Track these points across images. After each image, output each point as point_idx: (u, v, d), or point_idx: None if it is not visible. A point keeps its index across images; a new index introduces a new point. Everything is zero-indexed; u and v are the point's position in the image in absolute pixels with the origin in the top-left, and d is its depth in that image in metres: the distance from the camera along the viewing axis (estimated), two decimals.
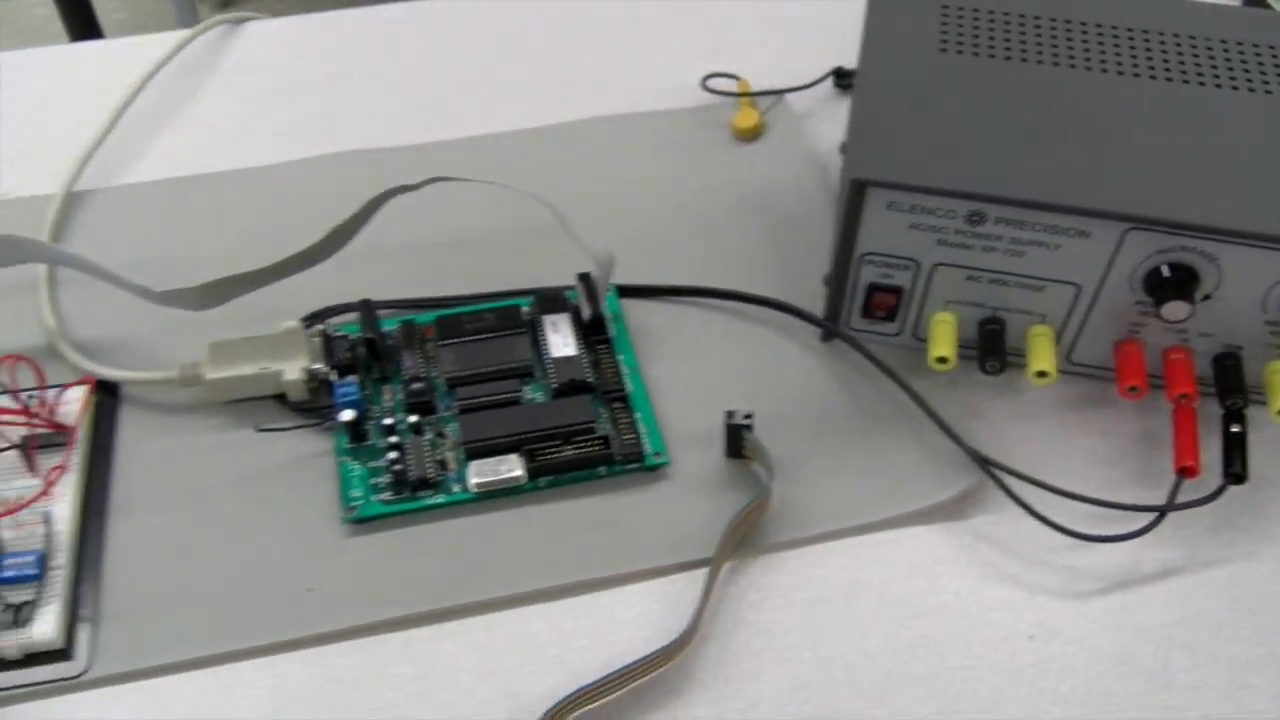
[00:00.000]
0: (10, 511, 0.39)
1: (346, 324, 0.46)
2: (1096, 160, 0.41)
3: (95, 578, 0.39)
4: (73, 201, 0.52)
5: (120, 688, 0.37)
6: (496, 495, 0.41)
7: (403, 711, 0.37)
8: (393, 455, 0.41)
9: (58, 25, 1.47)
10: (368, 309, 0.44)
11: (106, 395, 0.44)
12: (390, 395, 0.44)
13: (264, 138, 0.55)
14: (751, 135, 0.54)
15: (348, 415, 0.41)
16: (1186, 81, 0.45)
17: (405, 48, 0.61)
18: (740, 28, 0.61)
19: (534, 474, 0.41)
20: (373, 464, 0.42)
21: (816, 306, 0.47)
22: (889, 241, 0.42)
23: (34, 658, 0.37)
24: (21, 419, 0.41)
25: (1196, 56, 0.46)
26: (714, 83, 0.56)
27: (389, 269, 0.48)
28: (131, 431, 0.43)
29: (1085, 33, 0.47)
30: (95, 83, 0.58)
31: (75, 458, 0.41)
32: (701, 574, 0.40)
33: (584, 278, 0.46)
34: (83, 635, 0.38)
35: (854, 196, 0.41)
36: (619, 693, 0.37)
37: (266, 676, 0.38)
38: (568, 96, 0.58)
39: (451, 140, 0.55)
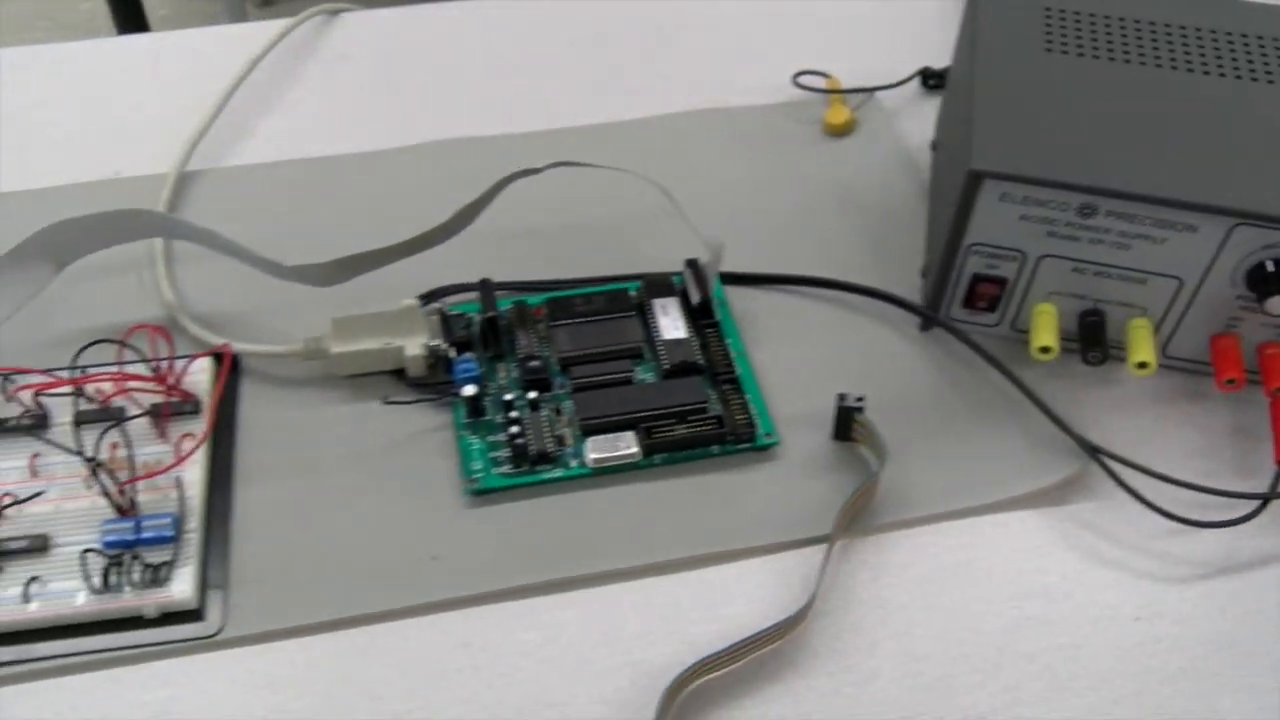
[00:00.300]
0: (149, 475, 0.40)
1: (459, 304, 0.47)
2: (1203, 157, 0.42)
3: (224, 542, 0.40)
4: (184, 181, 0.53)
5: (253, 649, 0.38)
6: (611, 471, 0.42)
7: (531, 675, 0.38)
8: (514, 430, 0.42)
9: (102, 20, 1.49)
10: (487, 289, 0.45)
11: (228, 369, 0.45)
12: (505, 373, 0.45)
13: (364, 124, 0.57)
14: (843, 131, 0.55)
15: (470, 390, 0.42)
16: None
17: (497, 41, 0.62)
18: (828, 27, 0.63)
19: (649, 451, 0.42)
20: (491, 438, 0.43)
21: (910, 297, 0.48)
22: (998, 233, 0.43)
23: (169, 617, 0.39)
24: (153, 386, 0.43)
25: None
26: (804, 80, 0.58)
27: (494, 251, 0.49)
28: (252, 403, 0.44)
29: (1185, 36, 0.48)
30: (198, 70, 0.59)
31: (203, 426, 0.43)
32: (809, 552, 0.41)
33: (692, 264, 0.47)
34: (215, 597, 0.39)
35: (969, 187, 0.42)
36: (739, 664, 0.38)
37: (396, 639, 0.39)
38: (660, 91, 0.59)
39: (547, 131, 0.56)
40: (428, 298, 0.46)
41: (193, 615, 0.39)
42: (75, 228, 0.44)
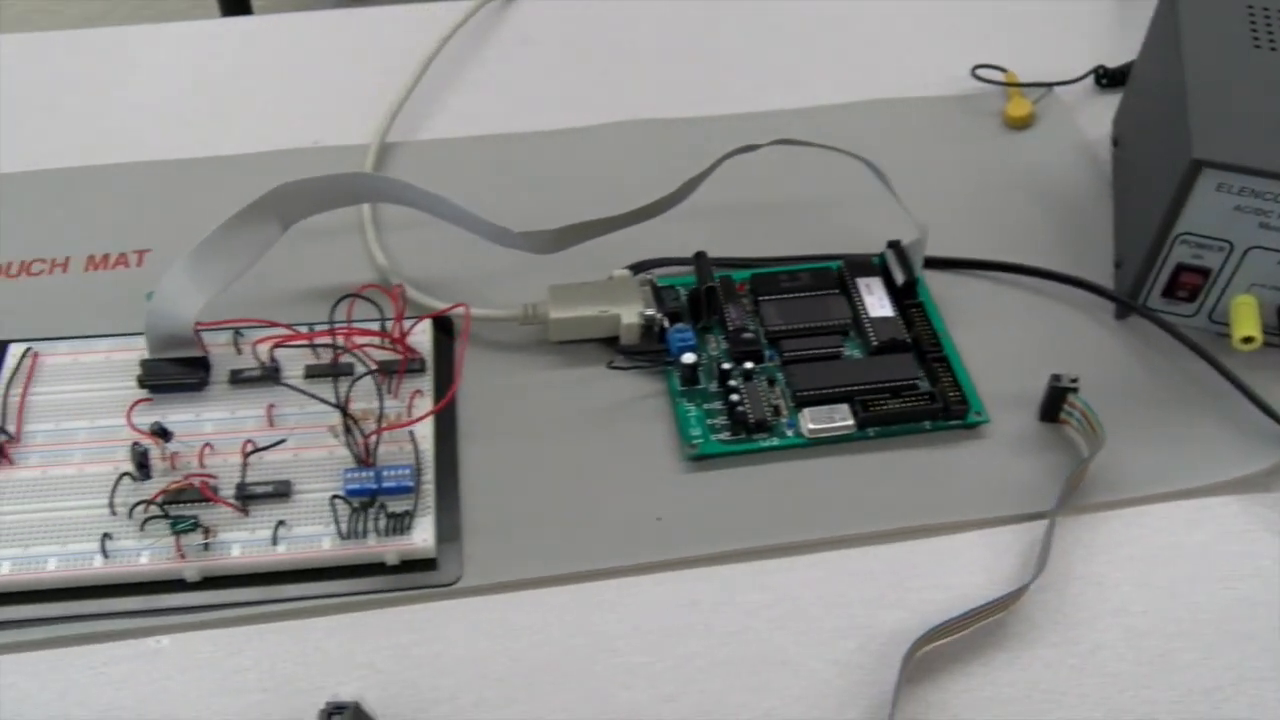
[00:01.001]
0: (391, 427, 0.41)
1: (666, 276, 0.48)
2: None
3: (454, 495, 0.41)
4: (384, 152, 0.54)
5: (488, 598, 0.40)
6: (825, 442, 0.43)
7: (760, 634, 0.39)
8: (734, 398, 0.43)
9: (207, 3, 1.51)
10: (703, 262, 0.46)
11: (442, 331, 0.46)
12: (715, 344, 0.46)
13: (547, 103, 0.58)
14: (1023, 124, 0.56)
15: (690, 358, 0.43)
16: None
17: (673, 28, 0.63)
18: (1000, 23, 0.63)
19: (863, 424, 0.43)
20: (706, 406, 0.44)
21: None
22: (1209, 222, 0.44)
23: (408, 564, 0.40)
24: (383, 344, 0.44)
25: None
26: (982, 73, 0.58)
27: (688, 227, 0.50)
28: (468, 364, 0.46)
29: None
30: (387, 46, 0.61)
31: (428, 383, 0.44)
32: (1024, 528, 0.42)
33: (894, 245, 0.48)
34: (450, 547, 0.40)
35: (1188, 176, 0.43)
36: (965, 632, 0.39)
37: (626, 595, 0.40)
38: (837, 80, 0.60)
39: (727, 115, 0.57)
40: (636, 269, 0.48)
41: (429, 564, 0.40)
42: (303, 189, 0.45)
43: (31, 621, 0.38)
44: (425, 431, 0.42)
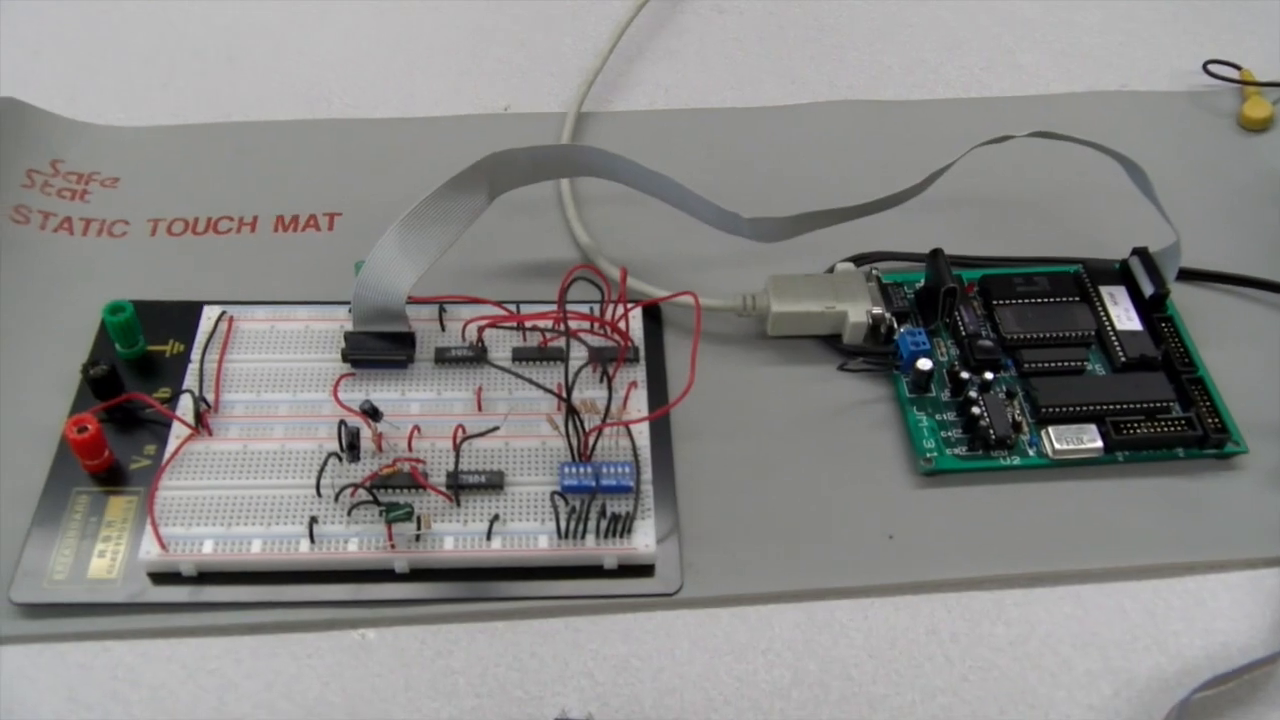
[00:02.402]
0: (618, 423, 0.38)
1: (889, 272, 0.45)
2: None
3: (672, 497, 0.39)
4: (579, 122, 0.51)
5: (710, 611, 0.37)
6: (1069, 464, 0.40)
7: (1007, 672, 0.36)
8: (975, 411, 0.40)
9: None
10: (940, 260, 0.42)
11: (649, 318, 0.43)
12: (943, 349, 0.42)
13: (742, 78, 0.55)
14: (1262, 126, 0.52)
15: (926, 364, 0.40)
16: None
17: (885, 3, 0.60)
18: (1239, 16, 0.59)
19: (1111, 447, 0.40)
20: (939, 416, 0.41)
21: None
22: None
23: (626, 570, 0.37)
24: (593, 329, 0.41)
25: None
26: (1215, 69, 0.54)
27: (907, 219, 0.47)
28: (676, 355, 0.43)
29: None
30: (582, 10, 0.58)
31: (643, 375, 0.41)
32: None
33: (1141, 252, 0.44)
34: (670, 553, 0.37)
35: None
36: (1235, 682, 0.36)
37: (860, 618, 0.37)
38: (1059, 69, 0.56)
39: (940, 100, 0.53)
40: (858, 261, 0.44)
41: (647, 570, 0.37)
42: (516, 158, 0.42)
43: (236, 605, 0.36)
44: (642, 427, 0.39)
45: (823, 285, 0.43)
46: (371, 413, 0.38)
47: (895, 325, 0.42)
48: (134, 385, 0.40)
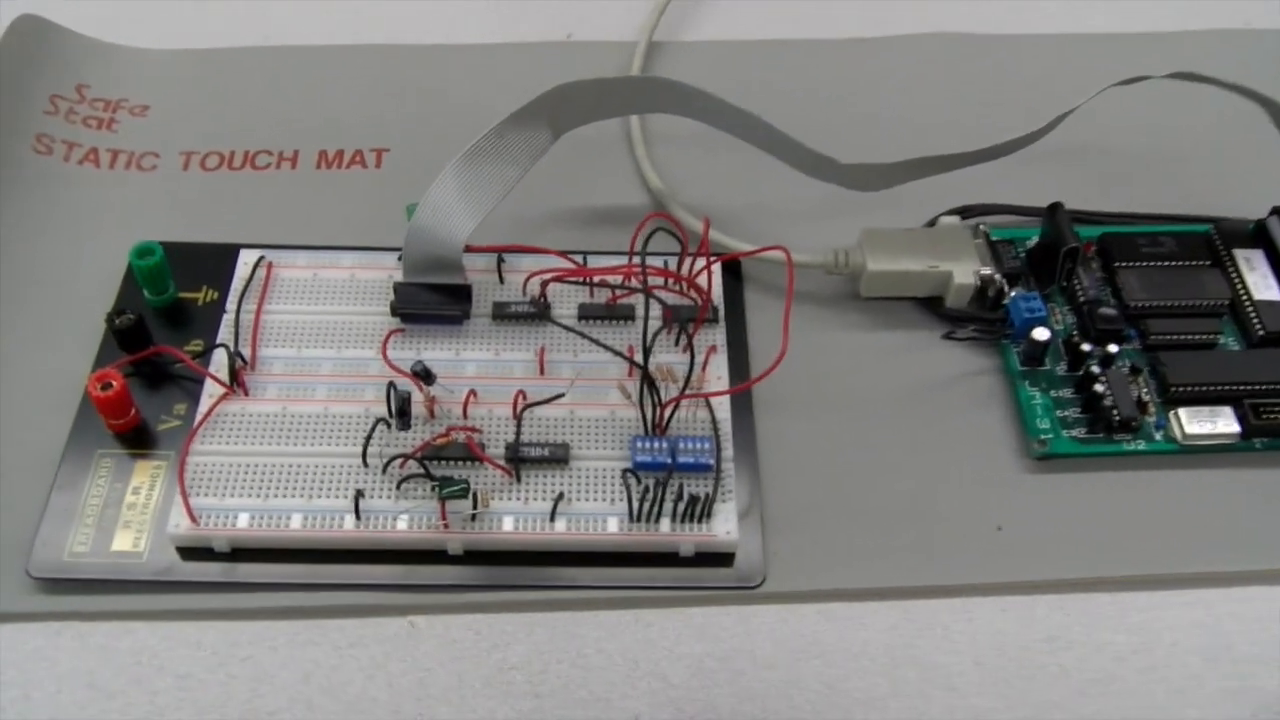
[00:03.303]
0: (698, 395, 0.34)
1: (999, 227, 0.40)
2: None
3: (755, 478, 0.35)
4: (650, 53, 0.47)
5: (796, 608, 0.33)
6: (1201, 451, 0.35)
7: (1131, 687, 0.32)
8: (1098, 388, 0.35)
9: None
10: (1059, 215, 0.38)
11: (729, 274, 0.39)
12: (1058, 316, 0.38)
13: (831, 6, 0.50)
14: None
15: (1043, 334, 0.36)
16: None
17: None
18: None
19: (1249, 433, 0.35)
20: (1054, 393, 0.36)
21: None
22: None
23: (703, 558, 0.33)
24: (667, 285, 0.37)
25: None
26: None
27: (1012, 168, 0.42)
28: (759, 315, 0.38)
29: None
30: None
31: (722, 338, 0.37)
32: None
33: None
34: (751, 542, 0.34)
35: None
36: None
37: (963, 620, 0.33)
38: (1174, 3, 0.50)
39: (1039, 36, 0.48)
40: (962, 214, 0.40)
41: (726, 559, 0.33)
42: (584, 92, 0.38)
43: (272, 586, 0.32)
44: (722, 399, 0.36)
45: (923, 241, 0.38)
46: (424, 375, 0.34)
47: (1006, 288, 0.38)
48: (163, 337, 0.37)
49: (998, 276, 0.37)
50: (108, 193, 0.41)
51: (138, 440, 0.35)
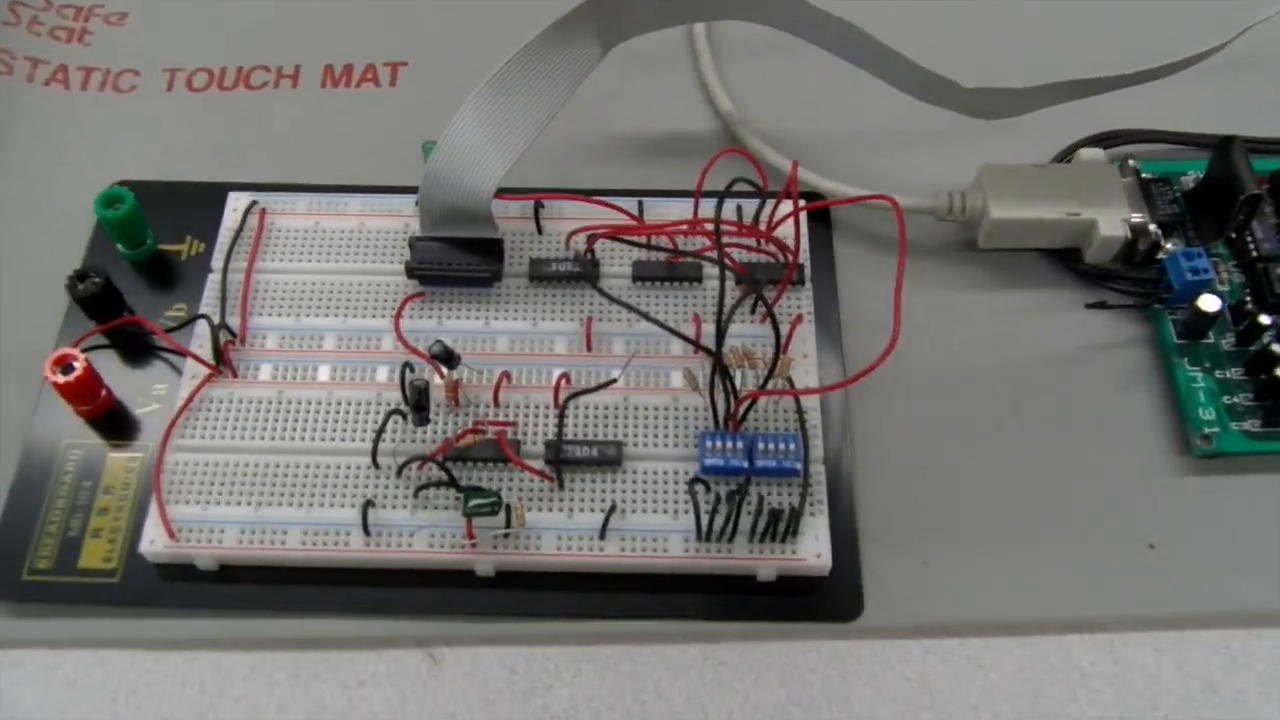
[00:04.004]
0: (781, 392, 0.28)
1: (1148, 159, 0.33)
2: None
3: (849, 483, 0.28)
4: None
5: (901, 644, 0.27)
6: None
7: None
8: None
9: None
10: (1234, 152, 0.30)
11: (816, 223, 0.32)
12: (1223, 276, 0.31)
13: None
14: None
15: (1212, 304, 0.29)
16: None
17: None
18: None
19: None
20: (1220, 373, 0.29)
21: None
22: None
23: (786, 583, 0.27)
24: (745, 240, 0.30)
25: None
26: None
27: (1178, 86, 0.34)
28: (851, 273, 0.32)
29: None
30: None
31: (809, 303, 0.30)
32: None
33: None
34: (846, 563, 0.27)
35: None
36: None
37: (1105, 660, 0.27)
38: None
39: None
40: (1101, 143, 0.33)
41: (814, 585, 0.27)
42: None
43: (268, 611, 0.27)
44: (808, 379, 0.29)
45: (1058, 181, 0.31)
46: (444, 358, 0.28)
47: (1161, 240, 0.31)
48: (141, 298, 0.31)
49: (1152, 226, 0.30)
50: (78, 120, 0.35)
51: (112, 427, 0.29)
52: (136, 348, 0.30)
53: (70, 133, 0.35)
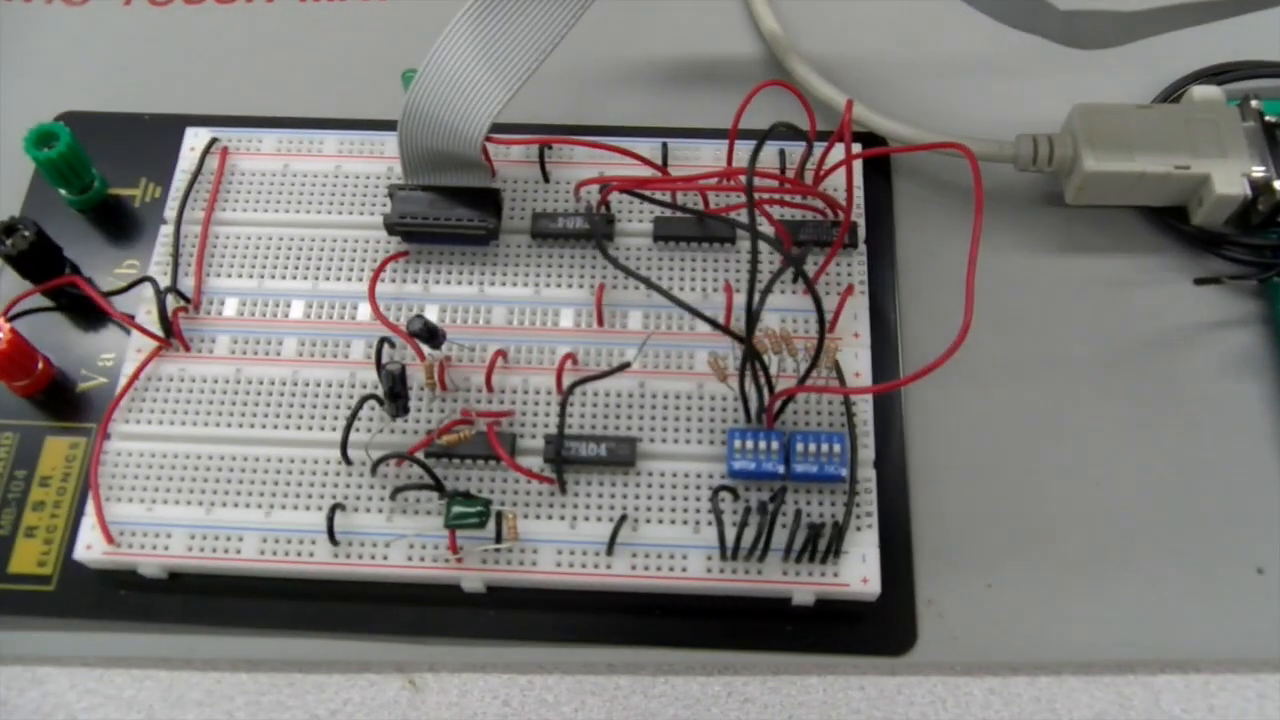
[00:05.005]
0: (824, 389, 0.23)
1: (1272, 98, 0.27)
2: None
3: (902, 492, 0.24)
4: None
5: (958, 682, 0.23)
6: None
7: None
8: None
9: None
10: None
11: (874, 172, 0.27)
12: None
13: None
14: None
15: None
16: None
17: None
18: None
19: None
20: None
21: None
22: None
23: (826, 608, 0.23)
24: (786, 193, 0.26)
25: None
26: None
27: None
28: (912, 230, 0.27)
29: None
30: None
31: (862, 270, 0.26)
32: None
33: None
34: (897, 586, 0.23)
35: None
36: None
37: (1200, 706, 0.23)
38: None
39: None
40: (1219, 77, 0.27)
41: (862, 612, 0.23)
42: None
43: (225, 628, 0.24)
44: (860, 365, 0.25)
45: (1165, 125, 0.26)
46: (425, 335, 0.23)
47: None
48: (89, 251, 0.27)
49: (1278, 184, 0.25)
50: (24, 36, 0.31)
51: (52, 404, 0.25)
52: (83, 309, 0.26)
53: (15, 52, 0.30)
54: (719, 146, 0.26)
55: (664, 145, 0.27)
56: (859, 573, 0.23)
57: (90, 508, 0.23)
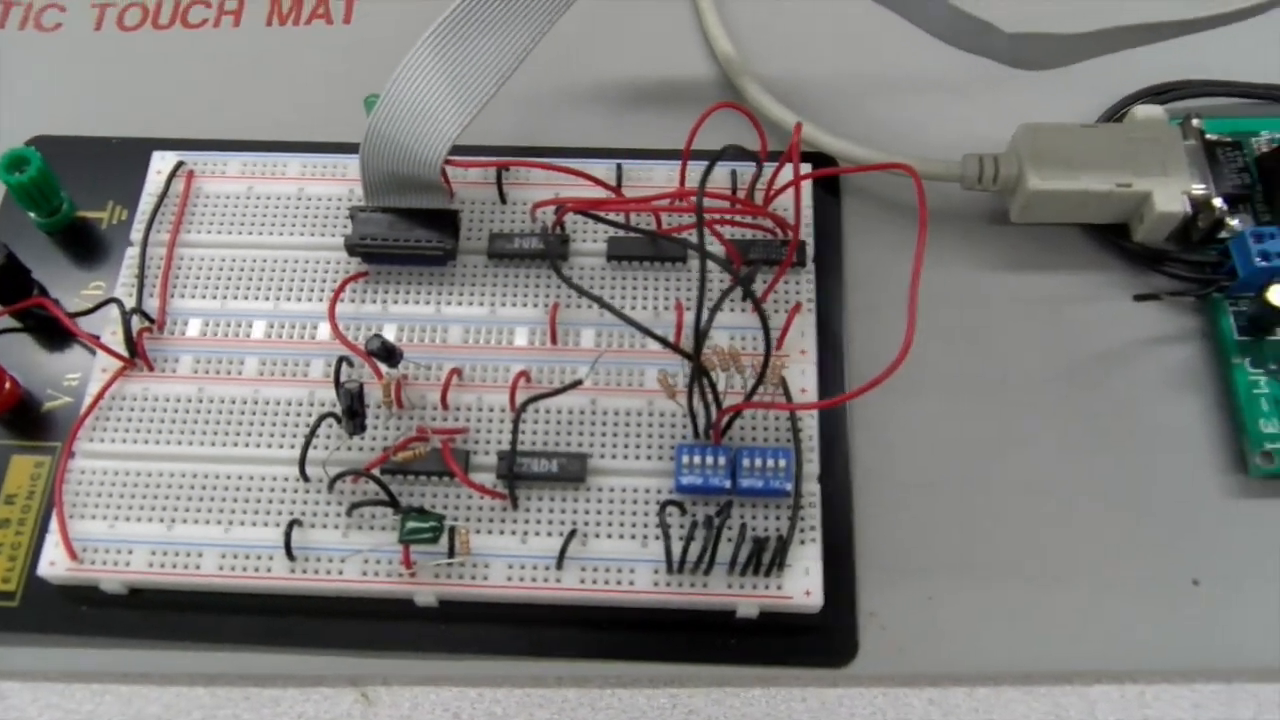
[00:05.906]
0: (771, 405, 0.24)
1: (1212, 115, 0.28)
2: None
3: (845, 506, 0.25)
4: None
5: (898, 694, 0.24)
6: None
7: None
8: None
9: None
10: None
11: (823, 192, 0.28)
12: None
13: None
14: None
15: None
16: None
17: None
18: None
19: None
20: None
21: None
22: None
23: (770, 621, 0.24)
24: (736, 213, 0.26)
25: None
26: None
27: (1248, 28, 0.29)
28: (861, 249, 0.28)
29: None
30: None
31: (810, 288, 0.26)
32: None
33: None
34: (840, 599, 0.24)
35: None
36: None
37: (1134, 715, 0.23)
38: None
39: None
40: (1159, 97, 0.28)
41: (804, 624, 0.24)
42: None
43: (184, 642, 0.24)
44: (806, 382, 0.25)
45: (1108, 144, 0.26)
46: (383, 354, 0.24)
47: (1226, 217, 0.26)
48: (56, 274, 0.28)
49: (1217, 200, 0.26)
50: None
51: (18, 423, 0.26)
52: (50, 330, 0.27)
53: None
54: (672, 167, 0.27)
55: (618, 166, 0.27)
56: (802, 585, 0.23)
57: (54, 525, 0.24)
